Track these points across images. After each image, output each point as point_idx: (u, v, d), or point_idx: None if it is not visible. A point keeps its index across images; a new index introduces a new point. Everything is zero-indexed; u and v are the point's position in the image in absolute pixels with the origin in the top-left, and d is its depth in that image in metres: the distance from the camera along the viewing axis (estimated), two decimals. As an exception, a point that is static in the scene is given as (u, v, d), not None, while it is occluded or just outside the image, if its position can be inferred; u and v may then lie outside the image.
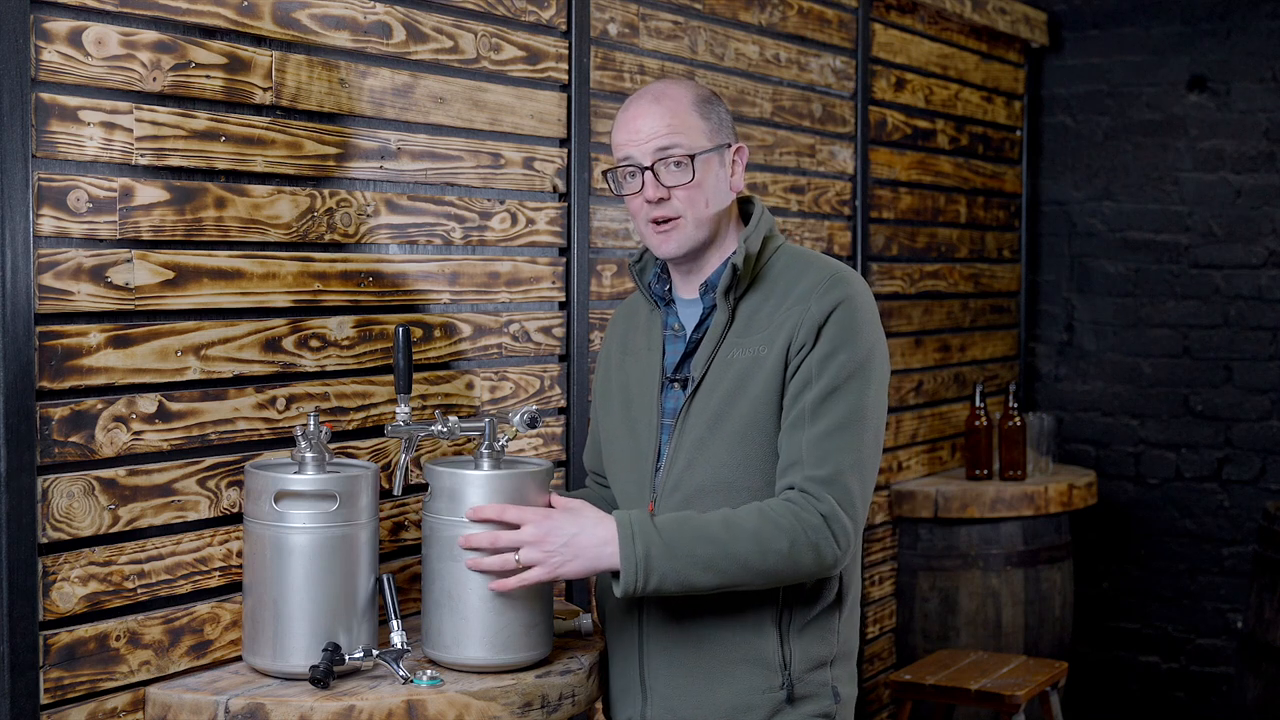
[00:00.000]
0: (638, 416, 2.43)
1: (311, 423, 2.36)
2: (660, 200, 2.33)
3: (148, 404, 2.33)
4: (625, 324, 2.56)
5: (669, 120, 2.33)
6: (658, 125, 2.33)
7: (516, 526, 2.27)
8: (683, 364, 2.41)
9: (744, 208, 2.47)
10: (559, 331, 3.20)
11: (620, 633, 2.43)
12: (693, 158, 2.32)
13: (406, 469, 2.51)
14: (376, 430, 2.74)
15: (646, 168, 2.33)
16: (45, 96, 2.17)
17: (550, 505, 2.32)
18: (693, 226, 2.35)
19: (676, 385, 2.40)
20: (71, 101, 2.20)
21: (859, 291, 2.33)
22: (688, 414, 2.35)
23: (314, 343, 2.62)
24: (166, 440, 2.36)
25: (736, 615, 2.32)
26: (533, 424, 2.49)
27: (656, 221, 2.35)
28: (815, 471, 2.23)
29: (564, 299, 3.21)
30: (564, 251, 3.21)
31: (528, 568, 2.25)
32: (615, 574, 2.23)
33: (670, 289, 2.47)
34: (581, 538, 2.22)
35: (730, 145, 2.39)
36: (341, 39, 2.65)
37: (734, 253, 2.37)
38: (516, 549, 2.26)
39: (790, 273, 2.36)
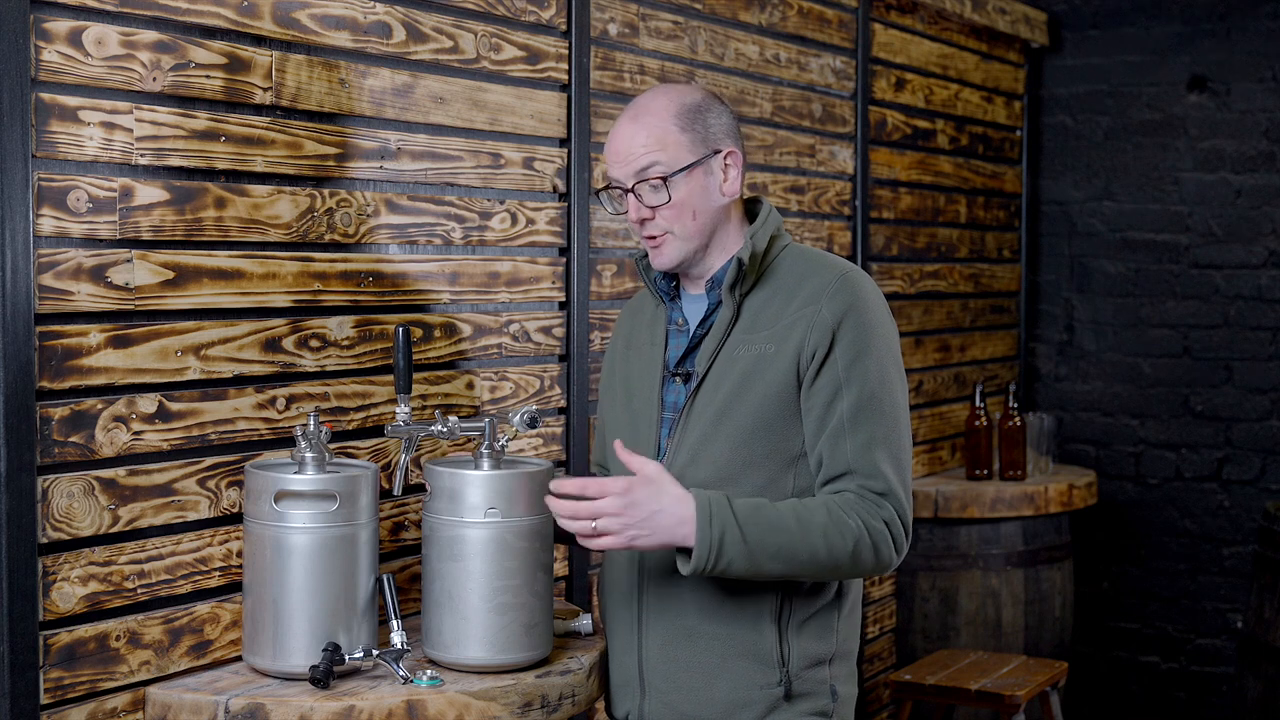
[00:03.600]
0: (639, 410, 2.43)
1: (311, 423, 2.36)
2: (645, 220, 2.36)
3: (148, 404, 2.33)
4: (631, 320, 2.57)
5: (644, 139, 2.33)
6: (634, 146, 2.34)
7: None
8: (686, 358, 2.41)
9: (751, 208, 2.47)
10: (559, 331, 3.20)
11: (619, 627, 2.44)
12: (666, 179, 2.33)
13: (406, 469, 2.51)
14: (376, 430, 2.74)
15: (629, 190, 2.35)
16: (45, 96, 2.17)
17: (634, 473, 2.25)
18: (681, 240, 2.37)
19: (678, 379, 2.41)
20: (71, 101, 2.20)
21: (869, 291, 2.34)
22: (691, 409, 2.36)
23: (314, 343, 2.62)
24: (166, 440, 2.36)
25: (735, 611, 2.32)
26: (533, 424, 2.49)
27: (648, 237, 2.38)
28: (869, 483, 2.27)
29: (564, 299, 3.21)
30: (564, 251, 3.21)
31: (604, 534, 2.22)
32: (683, 550, 2.23)
33: (676, 284, 2.48)
34: (661, 516, 2.21)
35: (720, 151, 2.38)
36: (341, 39, 2.65)
37: (740, 249, 2.38)
38: (595, 517, 2.21)
39: (797, 271, 2.37)
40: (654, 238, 2.37)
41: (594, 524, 2.20)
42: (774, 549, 2.22)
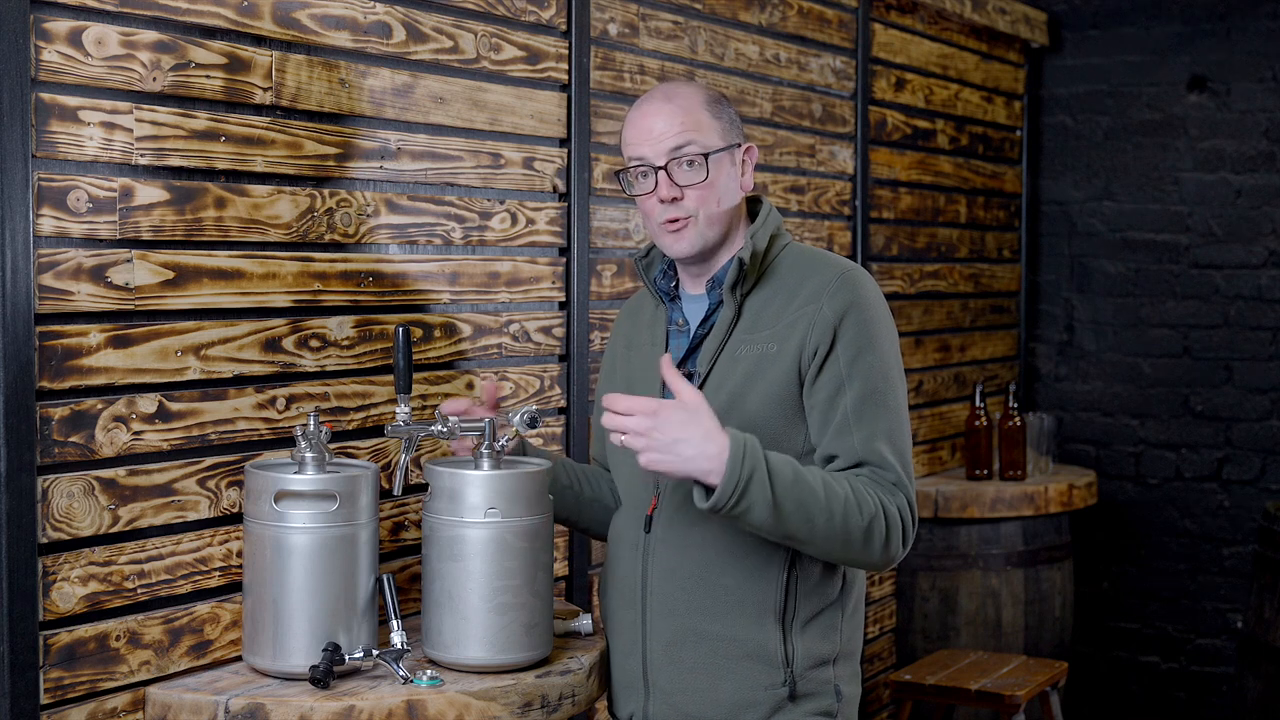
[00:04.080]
0: (641, 410, 2.43)
1: (311, 423, 2.36)
2: (673, 200, 2.34)
3: (148, 404, 2.33)
4: (630, 320, 2.57)
5: (682, 119, 2.33)
6: (671, 124, 2.33)
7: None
8: (687, 359, 2.41)
9: (751, 207, 2.47)
10: (559, 331, 3.20)
11: (622, 628, 2.44)
12: (706, 156, 2.33)
13: (406, 469, 2.51)
14: (376, 430, 2.74)
15: (660, 168, 2.33)
16: (45, 96, 2.17)
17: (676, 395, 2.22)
18: (705, 225, 2.35)
19: (680, 380, 2.40)
20: (71, 101, 2.20)
21: (869, 289, 2.34)
22: (694, 410, 2.35)
23: (314, 343, 2.62)
24: (166, 440, 2.36)
25: (739, 612, 2.32)
26: (533, 424, 2.49)
27: (669, 221, 2.35)
28: (881, 473, 2.26)
29: (564, 299, 3.21)
30: (564, 251, 3.21)
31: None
32: (701, 486, 2.18)
33: (676, 285, 2.48)
34: (685, 446, 2.15)
35: (740, 145, 2.40)
36: (341, 39, 2.65)
37: (741, 249, 2.37)
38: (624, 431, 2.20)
39: (798, 270, 2.37)
40: (675, 220, 2.35)
41: (622, 438, 2.18)
42: (795, 501, 2.17)
